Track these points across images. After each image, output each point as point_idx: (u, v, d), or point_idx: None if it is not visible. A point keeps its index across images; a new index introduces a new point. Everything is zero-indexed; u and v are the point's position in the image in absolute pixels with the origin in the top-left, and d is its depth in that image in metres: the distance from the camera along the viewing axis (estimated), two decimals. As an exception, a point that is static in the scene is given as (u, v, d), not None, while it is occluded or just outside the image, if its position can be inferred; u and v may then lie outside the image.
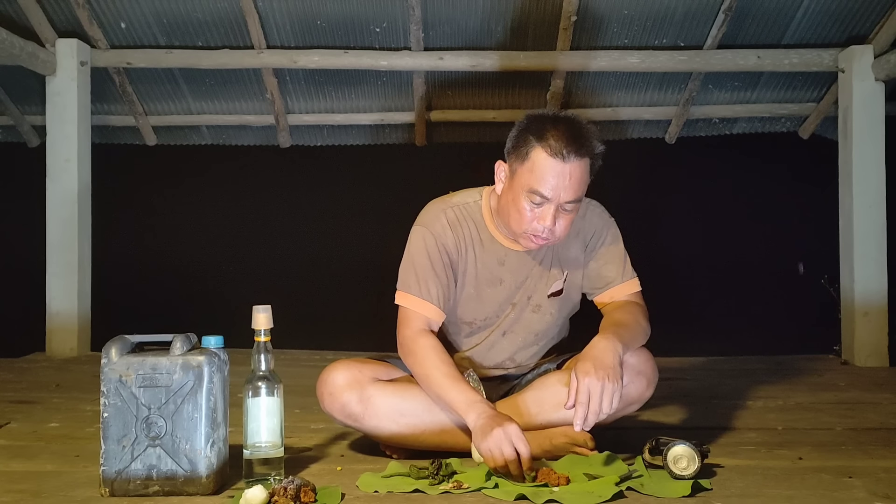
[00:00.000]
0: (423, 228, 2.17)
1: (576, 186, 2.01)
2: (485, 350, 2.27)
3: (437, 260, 2.15)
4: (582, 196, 2.06)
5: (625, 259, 2.26)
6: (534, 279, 2.22)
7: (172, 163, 5.33)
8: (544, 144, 1.99)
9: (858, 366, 3.96)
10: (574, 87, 4.71)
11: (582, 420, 1.90)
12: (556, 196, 2.00)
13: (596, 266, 2.25)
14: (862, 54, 4.12)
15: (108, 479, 1.82)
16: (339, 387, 2.09)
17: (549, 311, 2.25)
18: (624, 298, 2.24)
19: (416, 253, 2.16)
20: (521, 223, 2.05)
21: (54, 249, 4.25)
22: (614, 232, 2.27)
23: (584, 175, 2.03)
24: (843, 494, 1.84)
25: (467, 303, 2.21)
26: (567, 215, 2.05)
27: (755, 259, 5.60)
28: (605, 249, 2.24)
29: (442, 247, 2.15)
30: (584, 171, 2.02)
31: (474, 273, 2.19)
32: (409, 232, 2.21)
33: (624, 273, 2.25)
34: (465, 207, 2.20)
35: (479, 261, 2.19)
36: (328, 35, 4.41)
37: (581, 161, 2.00)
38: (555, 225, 2.03)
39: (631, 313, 2.17)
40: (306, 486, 1.78)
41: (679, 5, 4.15)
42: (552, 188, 1.99)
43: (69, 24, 4.34)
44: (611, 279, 2.24)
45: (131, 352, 1.87)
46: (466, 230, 2.18)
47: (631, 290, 2.25)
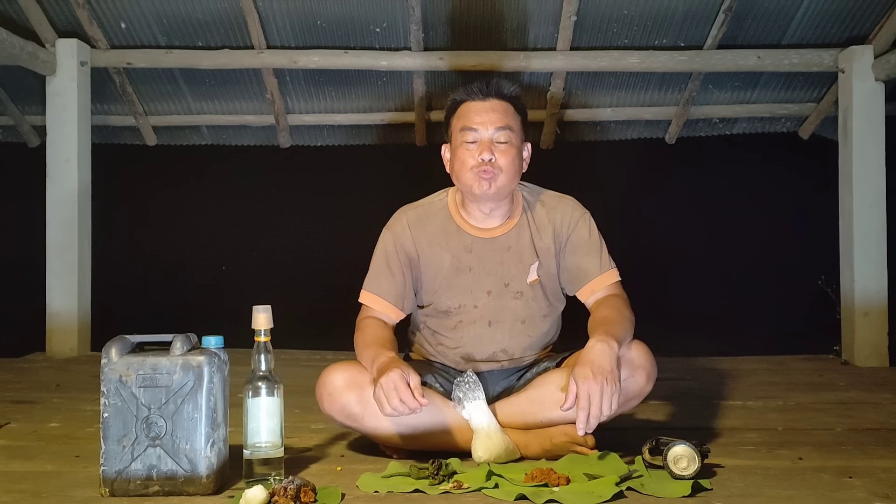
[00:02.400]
0: (386, 231, 2.33)
1: (500, 116, 2.20)
2: (475, 342, 2.28)
3: (395, 260, 2.28)
4: (513, 127, 2.21)
5: (601, 250, 2.29)
6: (507, 265, 2.27)
7: (172, 163, 5.33)
8: (463, 96, 2.25)
9: (858, 366, 3.96)
10: (574, 87, 4.71)
11: (584, 424, 1.92)
12: (484, 126, 2.19)
13: (574, 260, 2.28)
14: (862, 54, 4.12)
15: (108, 479, 1.82)
16: (338, 387, 2.10)
17: (532, 297, 2.28)
18: (604, 291, 2.26)
19: (377, 255, 2.32)
20: (465, 167, 2.20)
21: (54, 249, 4.25)
22: (589, 224, 2.31)
23: (509, 112, 2.22)
24: (843, 494, 1.84)
25: (441, 292, 2.27)
26: (505, 149, 2.19)
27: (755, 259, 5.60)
28: (581, 242, 2.28)
29: (400, 247, 2.29)
30: (506, 108, 2.22)
31: (442, 263, 2.27)
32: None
33: (602, 264, 2.27)
34: (429, 206, 2.34)
35: (446, 251, 2.28)
36: (328, 35, 4.41)
37: (500, 100, 2.22)
38: (493, 156, 2.18)
39: (615, 308, 2.19)
40: (306, 486, 1.78)
41: (679, 5, 4.15)
42: (478, 122, 2.19)
43: (69, 24, 4.34)
44: (589, 272, 2.27)
45: (131, 352, 1.87)
46: (430, 226, 2.30)
47: (610, 281, 2.27)
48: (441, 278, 2.27)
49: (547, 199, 2.33)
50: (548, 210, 2.31)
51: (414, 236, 2.29)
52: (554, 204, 2.32)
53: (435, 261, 2.28)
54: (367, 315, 2.29)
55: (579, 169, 4.93)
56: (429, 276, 2.29)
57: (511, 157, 2.20)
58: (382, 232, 2.34)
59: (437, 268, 2.28)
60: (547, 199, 2.34)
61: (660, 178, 5.36)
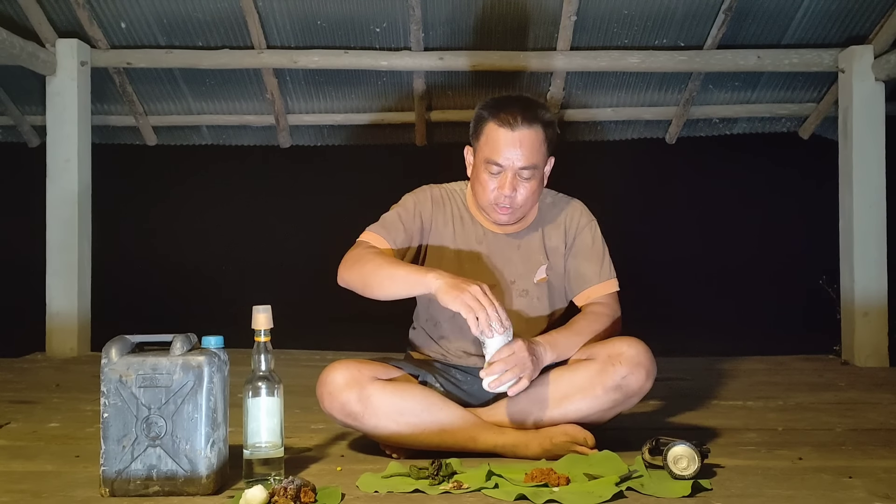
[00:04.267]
0: (408, 195, 2.34)
1: (528, 153, 2.15)
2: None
3: (409, 219, 2.27)
4: (538, 163, 2.18)
5: (603, 259, 2.32)
6: (516, 264, 2.29)
7: (172, 163, 5.33)
8: (494, 118, 2.18)
9: (858, 366, 3.96)
10: (574, 87, 4.71)
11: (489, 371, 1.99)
12: (510, 163, 2.15)
13: (575, 264, 2.31)
14: (862, 54, 4.12)
15: (108, 479, 1.82)
16: (338, 386, 2.10)
17: (537, 296, 2.29)
18: (597, 300, 2.29)
19: (392, 210, 2.30)
20: (484, 195, 2.20)
21: (54, 249, 4.25)
22: (595, 231, 2.34)
23: (537, 143, 2.17)
24: (843, 494, 1.84)
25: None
26: (526, 183, 2.18)
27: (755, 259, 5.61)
28: (584, 248, 2.31)
29: (418, 212, 2.29)
30: (535, 139, 2.17)
31: (453, 247, 2.29)
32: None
33: (601, 273, 2.30)
34: (451, 191, 2.37)
35: (459, 236, 2.30)
36: (328, 35, 4.41)
37: (530, 129, 2.16)
38: (514, 192, 2.16)
39: (589, 321, 2.23)
40: (306, 486, 1.78)
41: (679, 5, 4.15)
42: (505, 156, 2.15)
43: (69, 24, 4.34)
44: (588, 279, 2.30)
45: (131, 352, 1.87)
46: (449, 208, 2.32)
47: (606, 292, 2.30)
48: (446, 260, 2.27)
49: (558, 201, 2.37)
50: (558, 211, 2.34)
51: (433, 209, 2.30)
52: (563, 205, 2.36)
53: (445, 241, 2.29)
54: (364, 246, 2.20)
55: (579, 169, 4.91)
56: (434, 255, 2.29)
57: (532, 189, 2.20)
58: (404, 196, 2.33)
59: (448, 250, 2.29)
60: (558, 200, 2.37)
61: (660, 178, 5.37)
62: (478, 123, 2.23)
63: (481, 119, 2.21)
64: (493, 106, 2.20)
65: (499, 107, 2.19)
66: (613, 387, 2.11)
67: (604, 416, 2.16)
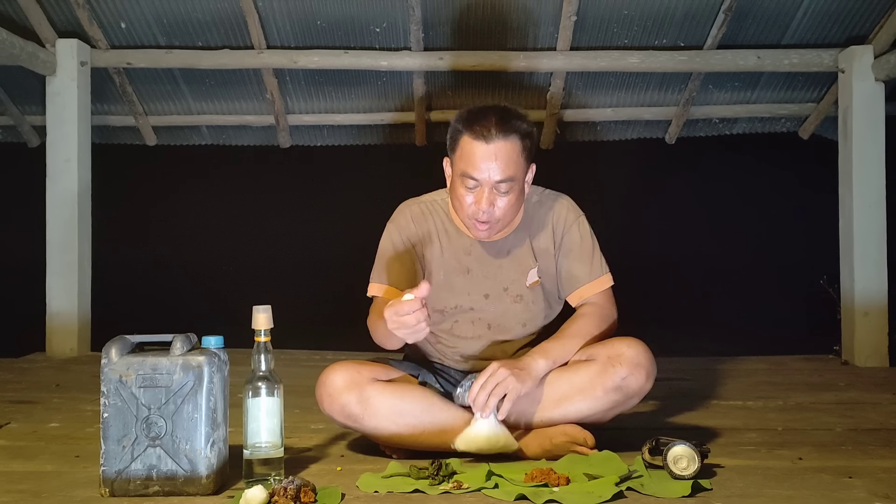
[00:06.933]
0: (390, 224, 2.32)
1: (504, 165, 2.09)
2: (473, 343, 2.30)
3: (402, 247, 2.27)
4: (515, 175, 2.12)
5: (592, 255, 2.29)
6: (506, 270, 2.27)
7: (172, 163, 5.33)
8: (469, 130, 2.11)
9: (858, 366, 3.96)
10: (574, 87, 4.71)
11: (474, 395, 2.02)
12: (486, 176, 2.09)
13: (566, 264, 2.28)
14: (862, 54, 4.12)
15: (108, 479, 1.82)
16: (338, 388, 2.10)
17: (532, 299, 2.28)
18: (591, 299, 2.27)
19: (382, 247, 2.30)
20: (462, 210, 2.16)
21: (54, 249, 4.25)
22: (581, 228, 2.30)
23: (514, 154, 2.11)
24: (843, 494, 1.84)
25: (437, 291, 2.25)
26: (505, 196, 2.12)
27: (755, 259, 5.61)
28: (572, 247, 2.28)
29: (406, 237, 2.27)
30: (511, 150, 2.10)
31: (441, 262, 2.27)
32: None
33: (592, 271, 2.28)
34: (431, 203, 2.33)
35: (446, 251, 2.27)
36: (328, 35, 4.41)
37: (506, 141, 2.09)
38: (492, 207, 2.11)
39: (582, 323, 2.22)
40: (306, 486, 1.78)
41: (679, 5, 4.15)
42: (480, 169, 2.09)
43: (69, 24, 4.34)
44: (579, 278, 2.28)
45: (131, 352, 1.87)
46: (432, 223, 2.29)
47: (599, 289, 2.28)
48: (439, 275, 2.27)
49: (545, 199, 2.33)
50: (545, 210, 2.31)
51: (417, 229, 2.28)
52: (550, 203, 2.32)
53: (436, 257, 2.28)
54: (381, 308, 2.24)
55: (579, 169, 4.93)
56: (428, 271, 2.29)
57: (511, 203, 2.14)
58: (386, 226, 2.32)
59: (436, 264, 2.28)
60: (545, 198, 2.33)
61: (660, 178, 5.37)
62: (453, 136, 2.16)
63: (456, 132, 2.15)
64: (468, 118, 2.13)
65: (473, 119, 2.12)
66: (613, 388, 2.10)
67: (604, 417, 2.16)
